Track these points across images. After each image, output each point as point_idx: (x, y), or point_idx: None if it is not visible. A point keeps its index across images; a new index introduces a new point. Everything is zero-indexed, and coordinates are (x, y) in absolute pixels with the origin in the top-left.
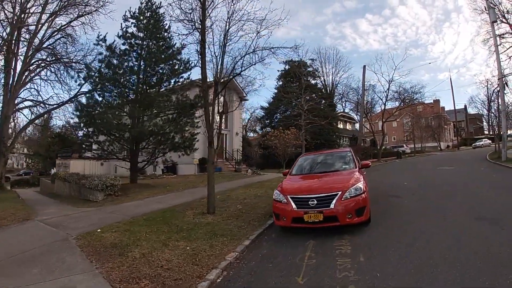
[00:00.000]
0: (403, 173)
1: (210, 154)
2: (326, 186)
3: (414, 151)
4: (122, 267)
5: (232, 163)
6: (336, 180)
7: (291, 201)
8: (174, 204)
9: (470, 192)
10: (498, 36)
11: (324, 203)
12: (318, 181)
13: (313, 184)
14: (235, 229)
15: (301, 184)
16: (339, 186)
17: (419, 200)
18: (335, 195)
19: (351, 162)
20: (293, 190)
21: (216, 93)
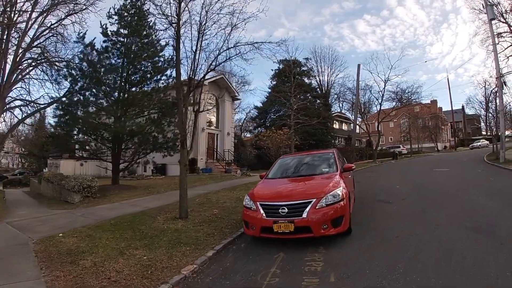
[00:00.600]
0: (397, 175)
1: (182, 155)
2: (300, 192)
3: (411, 152)
4: (68, 277)
5: (222, 164)
6: (312, 185)
7: (260, 209)
8: (149, 208)
9: (466, 198)
10: (497, 35)
11: (295, 211)
12: (293, 186)
13: (286, 190)
14: (203, 237)
15: (273, 190)
16: (314, 193)
17: (410, 206)
18: (309, 202)
19: (333, 165)
20: (263, 196)
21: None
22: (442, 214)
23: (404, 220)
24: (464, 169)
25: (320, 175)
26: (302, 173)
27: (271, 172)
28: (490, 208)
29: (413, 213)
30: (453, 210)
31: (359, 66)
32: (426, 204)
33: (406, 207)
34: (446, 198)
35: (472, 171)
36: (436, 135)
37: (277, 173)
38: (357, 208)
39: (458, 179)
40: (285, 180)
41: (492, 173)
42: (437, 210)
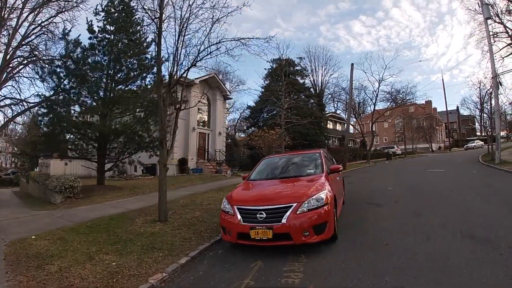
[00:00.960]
0: (390, 176)
1: (162, 155)
2: (280, 195)
3: (405, 152)
4: (31, 282)
5: (213, 164)
6: (294, 188)
7: (238, 213)
8: (130, 209)
9: (461, 201)
10: (492, 35)
11: (274, 216)
12: (274, 188)
13: (266, 193)
14: (179, 242)
15: (252, 192)
16: (295, 196)
17: (402, 210)
18: (289, 207)
19: (318, 166)
20: (241, 200)
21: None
22: (436, 219)
23: (395, 225)
24: (459, 170)
25: (304, 176)
26: (285, 175)
27: (253, 173)
28: (487, 212)
29: (405, 218)
30: (448, 214)
31: (352, 65)
32: (419, 207)
33: (398, 211)
34: (440, 200)
35: (467, 172)
36: (431, 136)
37: (259, 174)
38: (346, 211)
39: (452, 180)
40: (267, 182)
41: (487, 174)
42: (430, 214)
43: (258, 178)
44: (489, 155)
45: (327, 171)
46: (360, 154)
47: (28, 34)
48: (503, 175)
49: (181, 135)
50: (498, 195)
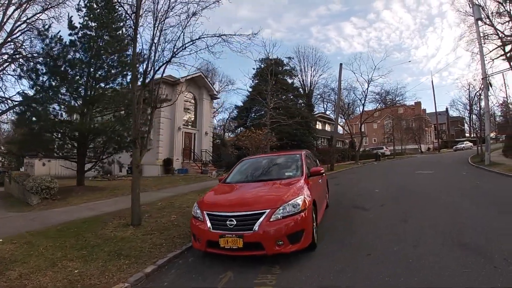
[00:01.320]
0: (378, 177)
1: (135, 155)
2: (253, 200)
3: (394, 153)
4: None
5: (198, 165)
6: (269, 192)
7: (207, 219)
8: (106, 212)
9: (450, 205)
10: (483, 37)
11: (245, 224)
12: (248, 193)
13: (238, 197)
14: (149, 248)
15: (224, 197)
16: (268, 202)
17: (388, 214)
18: (261, 213)
19: (298, 169)
20: (212, 205)
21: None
22: (424, 225)
23: (380, 232)
24: (448, 172)
25: (282, 180)
26: (262, 178)
27: (230, 176)
28: (479, 217)
29: (391, 224)
30: (437, 219)
31: (341, 65)
32: (407, 212)
33: (384, 216)
34: (428, 203)
35: (456, 173)
36: (420, 137)
37: (236, 177)
38: (330, 216)
39: (441, 182)
40: (242, 185)
41: (477, 176)
42: (418, 219)
43: (234, 180)
44: (479, 156)
45: (307, 173)
46: (349, 155)
47: (13, 31)
48: (493, 177)
49: (166, 135)
50: (488, 197)
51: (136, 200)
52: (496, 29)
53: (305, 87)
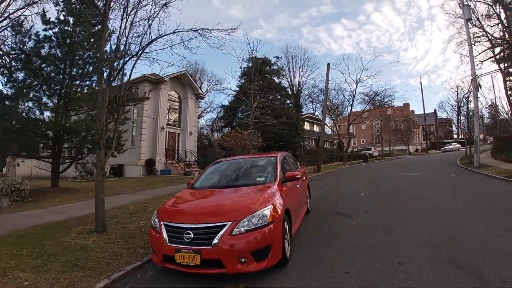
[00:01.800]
0: (364, 180)
1: (99, 157)
2: (214, 211)
3: (382, 154)
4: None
5: (182, 165)
6: (234, 201)
7: (164, 231)
8: (73, 216)
9: (440, 212)
10: (473, 37)
11: (204, 238)
12: (211, 201)
13: (199, 206)
14: (107, 259)
15: (185, 205)
16: (231, 212)
17: (372, 223)
18: (222, 226)
19: (271, 173)
20: (170, 214)
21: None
22: (411, 236)
23: (362, 245)
24: (437, 174)
25: (252, 186)
26: (231, 183)
27: (199, 180)
28: (472, 228)
29: (375, 234)
30: (425, 230)
31: (329, 65)
32: (393, 219)
33: (368, 224)
34: (416, 210)
35: (445, 175)
36: (408, 138)
37: (204, 182)
38: (309, 224)
39: (430, 185)
40: (208, 191)
41: (466, 178)
42: (404, 230)
43: (202, 185)
44: (467, 158)
45: (281, 179)
46: (337, 156)
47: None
48: (483, 180)
49: (149, 134)
50: (481, 206)
51: (100, 205)
52: (485, 31)
53: (293, 87)
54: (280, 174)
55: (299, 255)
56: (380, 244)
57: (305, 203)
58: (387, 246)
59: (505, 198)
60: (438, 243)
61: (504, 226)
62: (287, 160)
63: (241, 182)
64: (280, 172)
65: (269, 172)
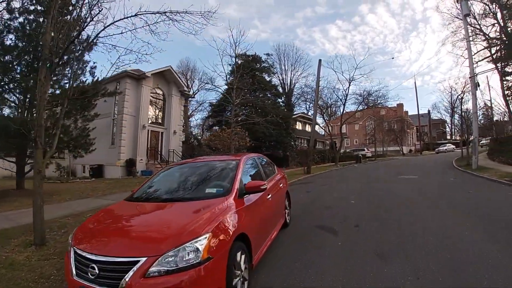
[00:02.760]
0: (356, 183)
1: (36, 158)
2: (133, 236)
3: (375, 155)
4: None
5: (164, 166)
6: (164, 223)
7: (72, 259)
8: (22, 224)
9: (442, 225)
10: (471, 34)
11: (109, 276)
12: (138, 220)
13: (120, 229)
14: (30, 281)
15: (105, 226)
16: (150, 243)
17: (363, 243)
18: (134, 263)
19: (227, 183)
20: (85, 236)
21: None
22: (408, 266)
23: (348, 277)
24: (434, 177)
25: (198, 200)
26: (174, 195)
27: (141, 188)
28: (483, 247)
29: (364, 260)
30: (426, 254)
31: (320, 61)
32: (386, 238)
33: (357, 244)
34: (414, 225)
35: (444, 179)
36: (402, 139)
37: (145, 191)
38: (284, 242)
39: (428, 190)
40: (142, 206)
41: (467, 183)
42: (401, 254)
43: (140, 196)
44: (464, 159)
45: (240, 190)
46: (329, 156)
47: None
48: (485, 184)
49: (129, 133)
50: (490, 213)
51: (38, 213)
52: (482, 30)
53: (284, 86)
54: (238, 185)
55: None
56: (371, 277)
57: (282, 215)
58: (379, 280)
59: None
60: (446, 273)
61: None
62: (257, 164)
63: (186, 195)
64: (240, 181)
65: (224, 181)
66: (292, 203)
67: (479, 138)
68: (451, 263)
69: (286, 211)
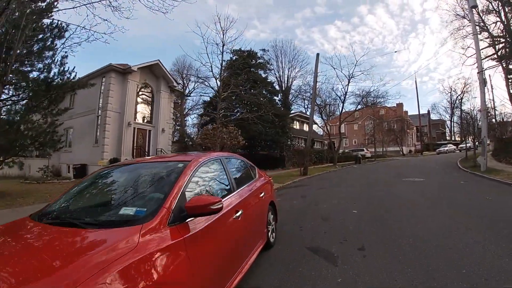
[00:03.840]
0: (357, 186)
1: None
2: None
3: (375, 156)
4: None
5: None
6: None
7: None
8: None
9: (469, 248)
10: (479, 27)
11: None
12: (8, 259)
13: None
14: None
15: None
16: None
17: (370, 277)
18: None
19: (156, 201)
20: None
21: None
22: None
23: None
24: (442, 179)
25: (104, 228)
26: (83, 216)
27: (57, 203)
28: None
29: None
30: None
31: (318, 55)
32: (401, 267)
33: (364, 283)
34: (433, 243)
35: (453, 182)
36: (402, 139)
37: (56, 206)
38: (264, 271)
39: (440, 196)
40: (35, 231)
41: (480, 187)
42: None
43: (48, 213)
44: (468, 160)
45: (174, 212)
46: (327, 157)
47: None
48: (501, 188)
49: (113, 131)
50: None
51: None
52: (486, 27)
53: (281, 84)
54: (175, 203)
55: None
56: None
57: (262, 235)
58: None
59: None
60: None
61: None
62: (224, 169)
63: (99, 216)
64: (181, 197)
65: (153, 197)
66: (283, 211)
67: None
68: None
69: (270, 228)
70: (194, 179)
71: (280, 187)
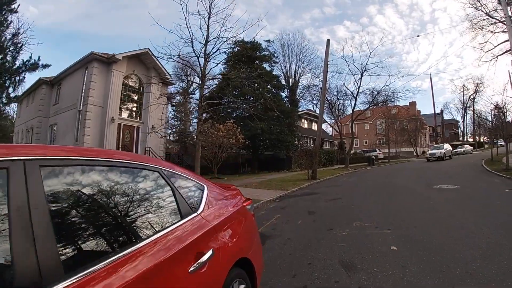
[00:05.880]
0: (380, 197)
1: None
2: None
3: (389, 157)
4: None
5: None
6: None
7: None
8: None
9: None
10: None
11: None
12: None
13: None
14: None
15: None
16: None
17: None
18: None
19: None
20: None
21: None
22: None
23: None
24: (479, 186)
25: None
26: None
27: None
28: None
29: None
30: None
31: (328, 41)
32: None
33: None
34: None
35: (496, 190)
36: (416, 139)
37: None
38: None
39: (503, 212)
40: None
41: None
42: None
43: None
44: (495, 162)
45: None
46: (337, 158)
47: None
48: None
49: (95, 127)
50: None
51: None
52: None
53: (288, 79)
54: None
55: None
56: None
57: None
58: None
59: None
60: None
61: None
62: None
63: None
64: None
65: None
66: (281, 244)
67: (493, 140)
68: None
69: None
70: None
71: (282, 196)
